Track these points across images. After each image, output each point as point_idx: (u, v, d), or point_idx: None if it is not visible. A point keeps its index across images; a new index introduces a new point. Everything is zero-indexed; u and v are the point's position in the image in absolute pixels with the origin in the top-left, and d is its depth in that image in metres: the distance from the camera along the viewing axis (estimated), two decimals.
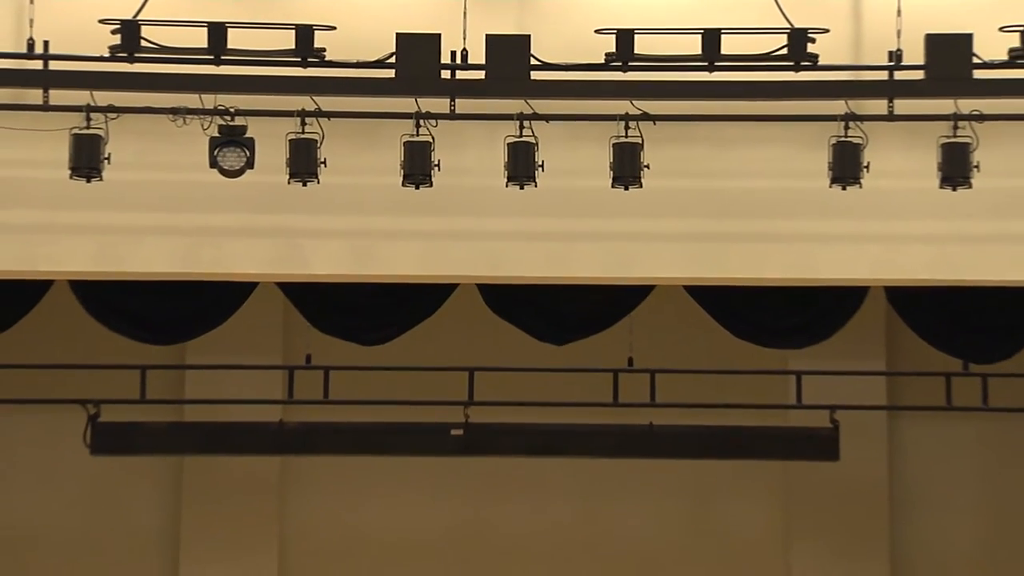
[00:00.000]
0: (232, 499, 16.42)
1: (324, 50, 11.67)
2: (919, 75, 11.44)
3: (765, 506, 16.70)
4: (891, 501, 16.58)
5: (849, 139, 11.51)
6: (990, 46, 11.51)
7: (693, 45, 11.63)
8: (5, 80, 11.61)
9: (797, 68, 11.59)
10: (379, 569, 16.70)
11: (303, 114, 11.57)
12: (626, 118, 11.59)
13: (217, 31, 11.60)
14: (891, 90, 11.66)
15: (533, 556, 16.73)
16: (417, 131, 11.52)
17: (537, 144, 11.51)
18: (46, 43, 11.69)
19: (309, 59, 11.65)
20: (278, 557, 16.57)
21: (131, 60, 11.56)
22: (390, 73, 11.47)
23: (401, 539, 16.72)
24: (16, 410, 15.37)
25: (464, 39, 11.65)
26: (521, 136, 11.52)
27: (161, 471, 16.52)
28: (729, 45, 11.63)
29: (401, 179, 11.52)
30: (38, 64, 11.68)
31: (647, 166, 11.54)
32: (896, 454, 16.61)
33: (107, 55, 11.55)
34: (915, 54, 11.47)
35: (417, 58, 11.45)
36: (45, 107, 11.60)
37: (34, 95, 11.63)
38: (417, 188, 11.55)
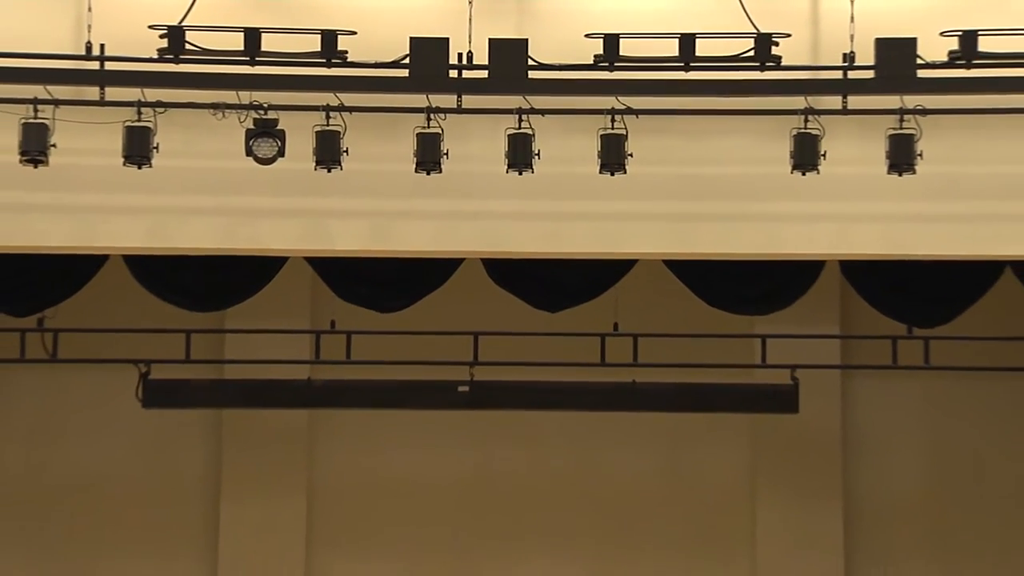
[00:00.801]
0: (266, 448, 16.43)
1: (346, 52, 11.65)
2: (870, 74, 11.46)
3: (733, 454, 16.71)
4: (844, 449, 16.61)
5: (808, 131, 11.51)
6: (932, 48, 11.51)
7: (671, 48, 11.60)
8: (66, 79, 11.60)
9: (762, 68, 11.58)
10: (395, 509, 16.67)
11: (328, 109, 11.55)
12: (612, 112, 11.59)
13: (252, 36, 11.59)
14: (845, 88, 11.66)
15: (530, 498, 16.75)
16: (428, 124, 11.51)
17: (534, 135, 11.52)
18: (102, 46, 11.69)
19: (333, 60, 11.63)
20: (307, 499, 16.58)
21: (177, 61, 11.57)
22: (404, 72, 11.48)
23: (414, 483, 16.74)
24: (76, 369, 15.38)
25: (469, 42, 11.62)
26: (520, 128, 11.52)
27: (204, 423, 16.54)
28: (703, 48, 11.60)
29: (414, 166, 11.52)
30: (95, 65, 11.68)
31: (631, 154, 11.54)
32: (848, 407, 16.65)
33: (156, 57, 11.56)
34: (866, 56, 11.47)
35: (428, 59, 11.45)
36: (101, 103, 11.59)
37: (91, 92, 11.62)
38: (428, 174, 11.55)
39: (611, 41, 11.63)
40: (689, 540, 16.67)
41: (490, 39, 11.50)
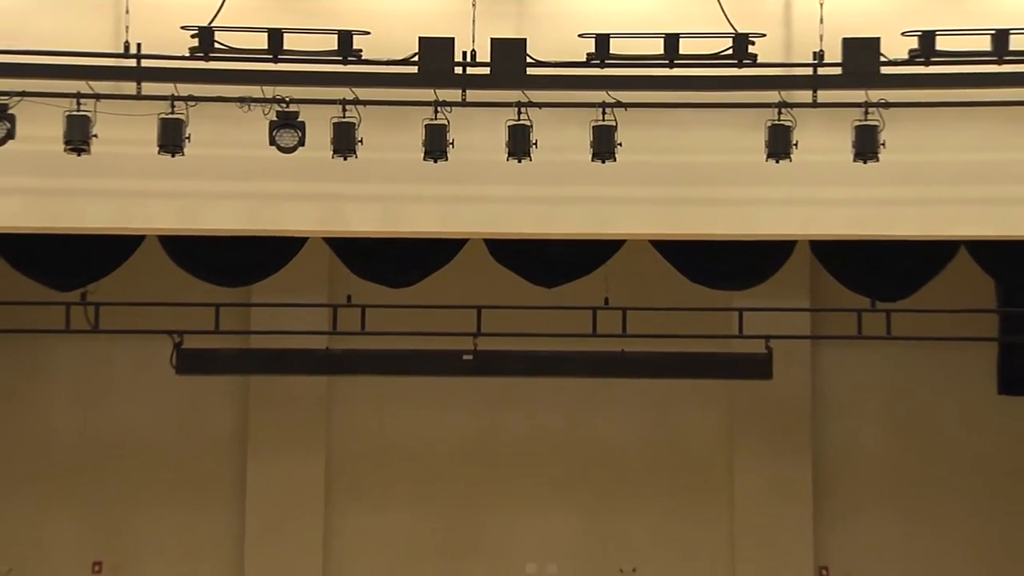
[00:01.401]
0: (288, 410, 16.45)
1: (361, 51, 11.67)
2: (837, 71, 11.47)
3: (713, 415, 16.72)
4: (813, 411, 16.64)
5: (781, 122, 11.53)
6: (894, 47, 11.51)
7: (656, 47, 11.62)
8: (106, 75, 11.61)
9: (739, 65, 11.62)
10: (405, 467, 16.70)
11: (344, 102, 11.57)
12: (603, 105, 11.59)
13: (275, 36, 11.64)
14: (814, 83, 11.66)
15: (528, 456, 16.76)
16: (435, 116, 11.53)
17: (532, 126, 11.53)
18: (139, 45, 11.73)
19: (349, 58, 11.65)
20: (325, 457, 16.59)
21: (206, 59, 11.61)
22: (414, 69, 11.49)
23: (422, 442, 16.76)
24: (116, 339, 15.35)
25: (473, 42, 11.63)
26: (519, 120, 11.53)
27: (232, 388, 16.55)
28: (685, 46, 11.62)
29: (423, 155, 11.53)
30: (132, 62, 11.72)
31: (620, 144, 11.57)
32: (817, 374, 16.67)
33: (187, 55, 11.58)
34: (834, 54, 11.48)
35: (435, 57, 11.44)
36: (138, 97, 11.62)
37: (129, 87, 11.64)
38: (435, 162, 11.57)
39: (602, 41, 11.65)
40: (674, 493, 16.67)
41: (492, 39, 11.51)
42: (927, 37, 11.53)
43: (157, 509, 16.55)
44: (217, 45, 11.58)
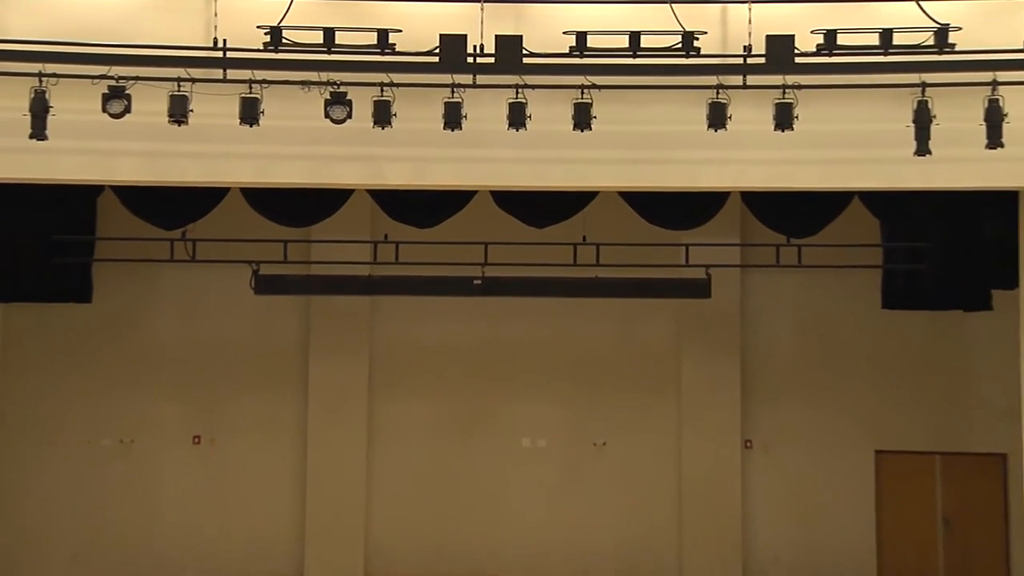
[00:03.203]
0: (340, 322, 16.43)
1: (395, 44, 11.61)
2: (762, 60, 11.40)
3: (665, 326, 16.67)
4: (741, 322, 16.59)
5: (719, 100, 11.50)
6: (806, 42, 11.48)
7: (623, 41, 11.59)
8: (200, 64, 11.54)
9: (687, 56, 11.53)
10: (428, 364, 16.70)
11: (382, 84, 11.54)
12: (581, 87, 11.56)
13: (329, 33, 11.60)
14: (744, 70, 11.61)
15: (523, 357, 16.77)
16: (452, 95, 11.50)
17: (527, 103, 11.51)
18: (224, 41, 11.66)
19: (385, 50, 11.61)
20: (368, 357, 16.57)
21: (276, 51, 11.54)
22: (435, 59, 11.42)
23: (442, 347, 16.75)
24: (208, 267, 15.15)
25: (481, 38, 11.57)
26: (517, 98, 11.51)
27: (297, 305, 16.50)
28: (646, 41, 11.59)
29: (442, 125, 11.51)
30: (219, 54, 11.65)
31: (595, 117, 11.54)
32: (745, 294, 16.60)
33: (261, 48, 11.56)
34: (760, 47, 11.41)
35: (452, 50, 11.36)
36: (224, 80, 11.57)
37: (216, 73, 11.56)
38: (452, 130, 11.53)
39: (581, 37, 11.61)
40: (634, 385, 16.69)
41: (496, 35, 11.44)
42: (830, 34, 11.50)
43: (241, 397, 16.59)
44: (284, 40, 11.53)
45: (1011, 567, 15.97)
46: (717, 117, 11.48)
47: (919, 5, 11.57)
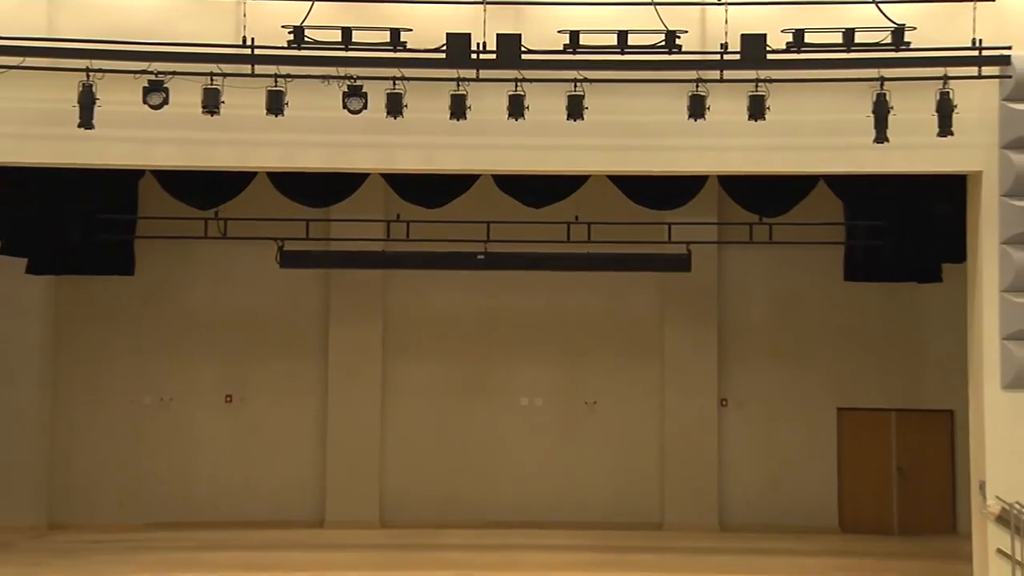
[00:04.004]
0: (357, 292, 16.45)
1: (406, 42, 11.60)
2: (737, 57, 11.37)
3: (650, 296, 16.69)
4: (719, 294, 16.62)
5: (699, 93, 11.46)
6: (777, 40, 11.48)
7: (612, 40, 11.57)
8: (230, 60, 11.50)
9: (670, 52, 11.53)
10: (436, 331, 16.75)
11: (394, 78, 11.48)
12: (574, 80, 11.52)
13: (346, 32, 11.60)
14: (721, 65, 11.52)
15: (521, 325, 16.81)
16: (458, 88, 11.45)
17: (525, 95, 11.47)
18: (252, 39, 11.59)
19: (397, 47, 11.59)
20: (382, 324, 16.61)
21: (299, 48, 11.53)
22: (442, 55, 11.39)
23: (448, 315, 16.79)
24: (238, 243, 15.10)
25: (484, 36, 11.52)
26: (516, 91, 11.47)
27: (318, 277, 16.51)
28: (633, 40, 11.57)
29: (449, 115, 11.45)
30: (247, 51, 11.59)
31: (587, 107, 11.50)
32: (722, 268, 16.62)
33: (285, 45, 11.46)
34: (735, 45, 11.40)
35: (458, 47, 11.34)
36: (252, 75, 11.50)
37: (245, 68, 11.50)
38: (458, 120, 11.47)
39: (574, 35, 11.60)
40: (622, 350, 16.73)
41: (497, 34, 11.43)
42: (798, 34, 11.50)
43: (267, 360, 16.63)
44: (306, 39, 11.52)
45: (956, 511, 16.07)
46: (697, 108, 11.47)
47: (878, 7, 11.58)
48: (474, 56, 11.39)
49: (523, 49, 11.36)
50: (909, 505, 16.37)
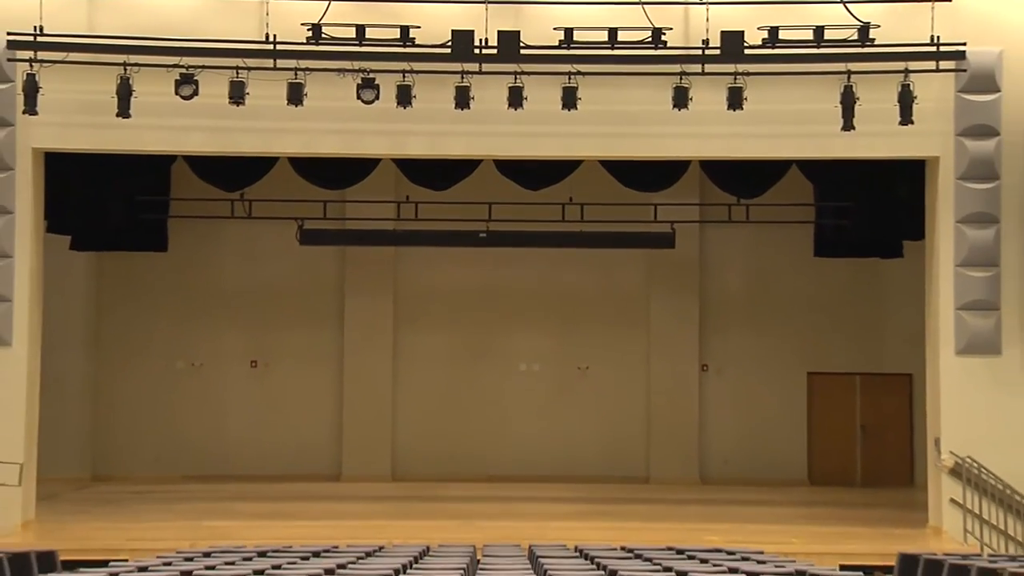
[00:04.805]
0: (370, 268, 16.47)
1: (415, 38, 11.56)
2: (717, 52, 11.37)
3: (638, 271, 16.70)
4: (700, 269, 16.64)
5: (682, 85, 11.46)
6: (753, 37, 11.45)
7: (603, 36, 11.55)
8: (254, 55, 11.51)
9: (656, 47, 11.50)
10: (442, 302, 16.75)
11: (404, 72, 11.50)
12: (569, 73, 11.54)
13: (360, 29, 11.56)
14: (703, 59, 11.54)
15: (520, 298, 16.81)
16: (462, 80, 11.46)
17: (523, 87, 11.47)
18: (274, 36, 11.54)
19: (407, 43, 11.56)
20: (393, 296, 16.65)
21: (317, 44, 11.47)
22: (448, 50, 11.37)
23: (453, 288, 16.80)
24: (262, 222, 15.01)
25: (486, 33, 11.51)
26: (515, 83, 11.48)
27: (334, 253, 16.52)
28: (622, 36, 11.54)
29: (454, 105, 11.45)
30: (270, 47, 11.55)
31: (580, 98, 11.51)
32: (703, 245, 16.63)
33: (304, 42, 11.40)
34: (716, 41, 11.39)
35: (462, 43, 11.33)
36: (274, 68, 11.52)
37: (267, 62, 11.51)
38: (462, 110, 11.49)
39: (568, 32, 11.59)
40: (612, 319, 16.75)
41: (498, 31, 11.43)
42: (773, 31, 11.48)
43: (289, 328, 16.67)
44: (323, 36, 11.48)
45: (914, 465, 16.15)
46: (680, 99, 11.48)
47: (846, 7, 11.59)
48: (477, 51, 11.37)
49: (522, 45, 11.37)
50: (871, 460, 16.47)
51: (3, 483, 11.64)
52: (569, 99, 11.50)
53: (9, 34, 11.59)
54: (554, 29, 11.64)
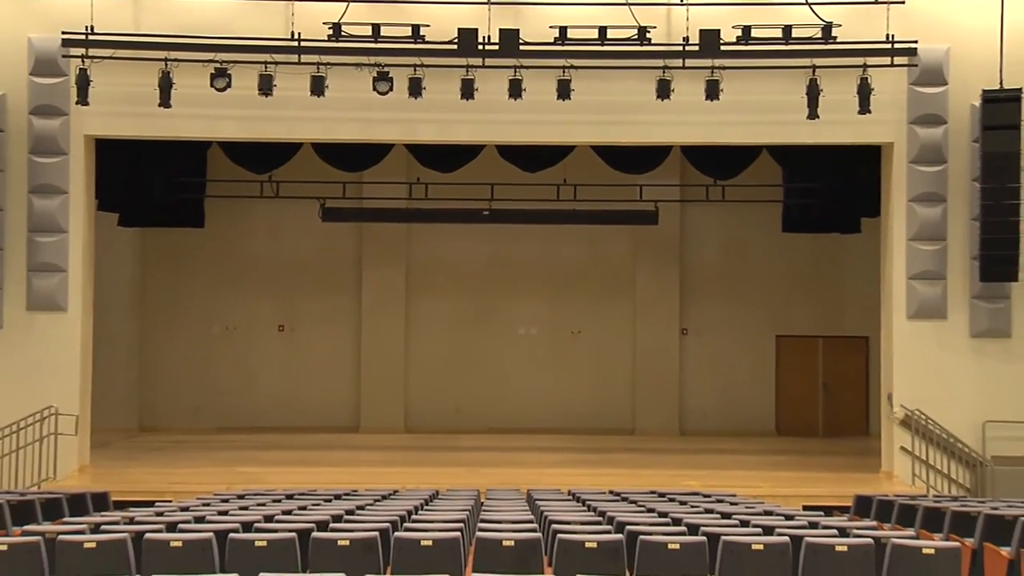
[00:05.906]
0: (384, 242, 16.44)
1: (425, 36, 11.55)
2: (696, 48, 11.34)
3: (624, 245, 16.66)
4: (681, 243, 16.60)
5: (665, 78, 11.47)
6: (729, 35, 11.47)
7: (594, 33, 11.54)
8: (281, 51, 11.50)
9: (641, 44, 11.51)
10: (450, 274, 16.70)
11: (415, 66, 11.48)
12: (563, 67, 11.53)
13: (375, 27, 11.58)
14: (683, 55, 11.50)
15: (519, 269, 16.77)
16: (467, 73, 11.43)
17: (523, 80, 11.46)
18: (299, 34, 11.58)
19: (417, 40, 11.54)
20: (405, 267, 16.61)
21: (337, 41, 11.48)
22: (455, 47, 11.35)
23: (460, 260, 16.76)
24: (288, 201, 15.11)
25: (488, 30, 11.49)
26: (515, 76, 11.46)
27: (352, 229, 16.49)
28: (611, 34, 11.54)
29: (460, 95, 11.43)
30: (295, 44, 11.56)
31: (573, 89, 11.51)
32: (684, 222, 16.57)
33: (325, 39, 11.50)
34: (695, 38, 11.36)
35: (467, 39, 11.30)
36: (299, 63, 11.51)
37: (292, 58, 11.51)
38: (467, 100, 11.47)
39: (563, 30, 11.58)
40: (601, 288, 16.73)
41: (500, 29, 11.41)
42: (746, 29, 11.52)
43: (312, 294, 16.63)
44: (342, 33, 11.51)
45: (869, 417, 16.26)
46: (663, 90, 11.50)
47: (811, 8, 11.59)
48: (480, 47, 11.35)
49: (521, 41, 11.36)
50: (831, 413, 16.56)
51: (62, 432, 11.79)
52: (563, 90, 11.52)
53: (64, 33, 11.63)
54: (550, 27, 11.65)
